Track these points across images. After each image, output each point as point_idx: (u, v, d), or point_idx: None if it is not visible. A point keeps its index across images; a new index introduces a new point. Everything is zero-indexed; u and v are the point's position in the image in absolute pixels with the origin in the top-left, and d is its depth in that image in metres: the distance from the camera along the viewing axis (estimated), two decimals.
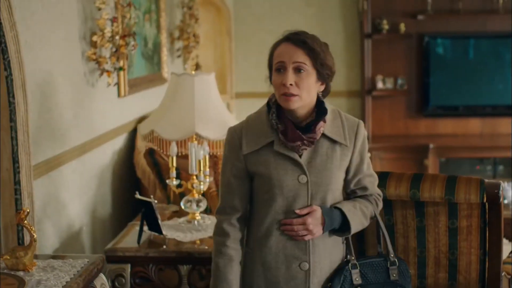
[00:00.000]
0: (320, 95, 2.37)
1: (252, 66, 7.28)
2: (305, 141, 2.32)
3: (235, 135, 2.41)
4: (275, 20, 7.26)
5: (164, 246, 3.28)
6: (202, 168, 3.48)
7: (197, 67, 6.42)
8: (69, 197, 3.45)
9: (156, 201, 3.32)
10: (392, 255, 2.46)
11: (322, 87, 2.37)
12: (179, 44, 5.94)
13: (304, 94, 2.29)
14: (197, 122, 3.39)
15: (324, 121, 2.35)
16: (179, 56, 6.01)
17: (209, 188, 3.86)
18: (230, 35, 7.18)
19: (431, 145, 6.79)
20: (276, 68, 2.33)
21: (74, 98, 3.53)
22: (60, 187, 3.35)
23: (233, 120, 3.56)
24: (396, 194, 2.62)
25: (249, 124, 2.42)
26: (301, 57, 2.28)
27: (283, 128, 2.33)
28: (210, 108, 3.46)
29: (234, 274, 2.40)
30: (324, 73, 2.33)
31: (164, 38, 5.43)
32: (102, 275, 2.64)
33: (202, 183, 3.50)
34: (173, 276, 3.23)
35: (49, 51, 3.18)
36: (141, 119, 4.78)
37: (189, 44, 5.96)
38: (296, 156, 2.34)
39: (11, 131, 2.86)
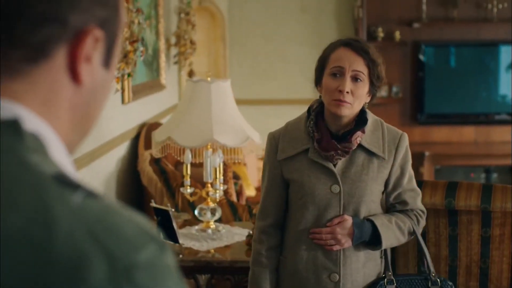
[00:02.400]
0: (366, 106, 2.34)
1: (246, 73, 7.24)
2: (339, 151, 2.28)
3: (273, 140, 2.39)
4: (270, 26, 7.23)
5: (181, 256, 3.22)
6: (218, 176, 3.42)
7: (191, 73, 6.35)
8: None
9: (173, 210, 3.25)
10: (433, 274, 2.40)
11: (369, 98, 2.33)
12: (175, 50, 5.88)
13: (356, 103, 2.27)
14: (215, 129, 3.34)
15: (363, 132, 2.30)
16: (175, 63, 5.95)
17: None
18: (224, 41, 7.13)
19: (427, 153, 6.80)
20: (332, 72, 2.28)
21: None
22: None
23: (249, 127, 3.51)
24: (431, 202, 2.59)
25: (287, 130, 2.39)
26: (361, 66, 2.25)
27: (319, 136, 2.30)
28: (227, 115, 3.41)
29: (268, 282, 2.37)
30: (377, 86, 2.30)
31: (162, 44, 5.37)
32: None
33: (217, 191, 3.45)
34: (192, 286, 3.17)
35: None
36: (142, 126, 4.72)
37: (185, 51, 5.91)
38: (330, 165, 2.30)
39: None
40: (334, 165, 2.31)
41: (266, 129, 6.67)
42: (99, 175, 3.82)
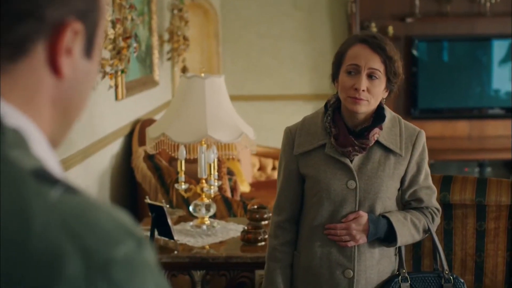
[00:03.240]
0: (383, 102, 2.33)
1: (240, 69, 7.23)
2: (356, 147, 2.27)
3: (290, 135, 2.38)
4: (263, 23, 7.22)
5: (176, 252, 3.21)
6: (212, 172, 3.42)
7: (185, 70, 6.34)
8: None
9: (167, 206, 3.25)
10: (447, 272, 2.39)
11: (386, 94, 2.32)
12: (168, 46, 5.87)
13: (373, 100, 2.25)
14: (209, 125, 3.33)
15: (381, 128, 2.29)
16: (168, 59, 5.94)
17: None
18: (217, 38, 7.12)
19: None
20: (347, 69, 2.26)
21: None
22: None
23: (243, 123, 3.51)
24: None
25: (304, 125, 2.38)
26: (377, 64, 2.23)
27: (336, 132, 2.29)
28: (221, 110, 3.41)
29: (282, 277, 2.37)
30: (394, 82, 2.29)
31: (155, 40, 5.36)
32: None
33: (212, 187, 3.44)
34: (186, 282, 3.17)
35: None
36: (135, 123, 4.71)
37: (179, 47, 5.89)
38: (346, 161, 2.29)
39: None
40: (351, 161, 2.30)
41: (260, 125, 6.69)
42: (93, 172, 3.81)
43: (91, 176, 3.75)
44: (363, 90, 2.22)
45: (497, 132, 6.99)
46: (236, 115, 3.49)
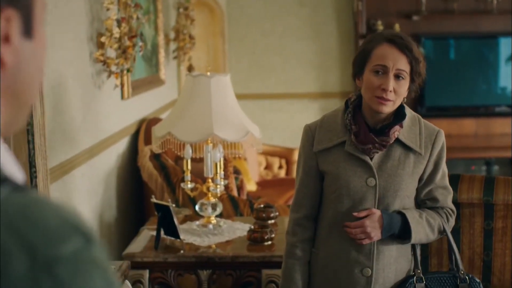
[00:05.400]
0: (404, 101, 2.32)
1: (245, 68, 7.22)
2: (376, 144, 2.27)
3: (310, 132, 2.38)
4: (268, 21, 7.21)
5: (182, 251, 3.20)
6: (218, 171, 3.41)
7: (191, 68, 6.34)
8: (79, 202, 3.36)
9: (174, 205, 3.24)
10: (462, 272, 2.38)
11: (407, 92, 2.32)
12: (174, 45, 5.86)
13: (398, 100, 2.26)
14: (215, 124, 3.32)
15: (401, 126, 2.30)
16: (174, 58, 5.93)
17: None
18: (223, 36, 7.11)
19: None
20: (375, 69, 2.25)
21: (83, 100, 3.45)
22: (72, 191, 3.27)
23: (249, 121, 3.50)
24: None
25: (323, 122, 2.39)
26: (404, 65, 2.23)
27: (357, 129, 2.29)
28: (227, 109, 3.40)
29: (301, 274, 2.37)
30: (417, 82, 2.29)
31: (161, 39, 5.35)
32: (127, 282, 2.57)
33: (218, 186, 3.43)
34: (193, 281, 3.16)
35: (59, 52, 3.10)
36: (141, 122, 4.70)
37: (184, 45, 5.89)
38: (367, 158, 2.30)
39: (28, 135, 2.77)
40: (371, 159, 2.31)
41: (265, 123, 6.67)
42: (99, 171, 3.81)
43: (96, 176, 3.74)
44: (390, 91, 2.22)
45: (504, 130, 6.96)
46: (242, 114, 3.48)
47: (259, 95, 7.19)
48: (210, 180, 3.45)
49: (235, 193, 4.34)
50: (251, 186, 5.52)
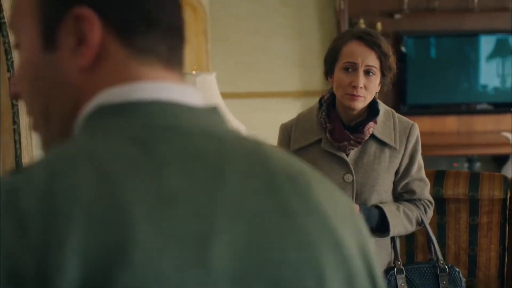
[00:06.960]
0: (376, 96, 2.35)
1: (230, 67, 7.22)
2: (352, 141, 2.30)
3: (286, 131, 2.42)
4: (251, 20, 7.22)
5: None
6: None
7: None
8: None
9: None
10: (441, 262, 2.41)
11: (379, 87, 2.35)
12: None
13: (369, 96, 2.30)
14: None
15: (375, 122, 2.33)
16: None
17: None
18: (206, 36, 7.11)
19: None
20: (344, 67, 2.29)
21: None
22: None
23: (235, 120, 3.51)
24: None
25: (299, 121, 2.42)
26: (373, 61, 2.27)
27: (332, 127, 2.32)
28: None
29: None
30: (389, 77, 2.31)
31: None
32: None
33: None
34: None
35: None
36: None
37: None
38: (343, 155, 2.33)
39: (14, 134, 2.77)
40: (347, 155, 2.34)
41: (251, 122, 6.67)
42: None
43: None
44: (360, 87, 2.24)
45: (485, 127, 7.02)
46: (227, 113, 3.49)
47: (243, 94, 7.20)
48: None
49: None
50: None
